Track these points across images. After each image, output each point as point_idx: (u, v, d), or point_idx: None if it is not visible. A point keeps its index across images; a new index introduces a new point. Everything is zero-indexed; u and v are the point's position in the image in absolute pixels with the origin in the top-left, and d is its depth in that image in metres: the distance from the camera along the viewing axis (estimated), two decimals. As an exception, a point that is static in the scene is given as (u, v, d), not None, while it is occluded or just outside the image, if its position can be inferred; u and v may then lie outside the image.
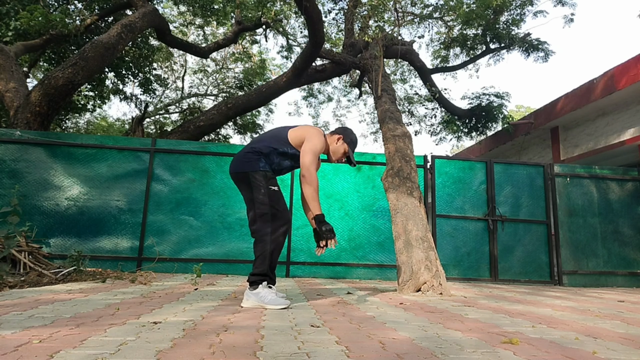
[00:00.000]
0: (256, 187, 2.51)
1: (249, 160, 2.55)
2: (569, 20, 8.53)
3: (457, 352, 1.45)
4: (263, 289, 2.42)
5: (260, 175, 2.52)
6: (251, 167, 2.54)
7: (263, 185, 2.51)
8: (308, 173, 2.46)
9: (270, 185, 2.53)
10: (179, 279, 4.46)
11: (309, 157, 2.48)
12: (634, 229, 6.29)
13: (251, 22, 10.11)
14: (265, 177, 2.53)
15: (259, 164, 2.54)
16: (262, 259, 2.45)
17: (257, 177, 2.52)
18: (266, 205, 2.48)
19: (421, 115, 12.10)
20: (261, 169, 2.53)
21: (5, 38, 7.54)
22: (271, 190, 2.52)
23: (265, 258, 2.44)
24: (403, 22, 8.89)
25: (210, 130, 9.45)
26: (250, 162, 2.55)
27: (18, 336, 1.45)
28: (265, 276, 2.45)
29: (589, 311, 2.83)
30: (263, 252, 2.45)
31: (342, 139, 2.73)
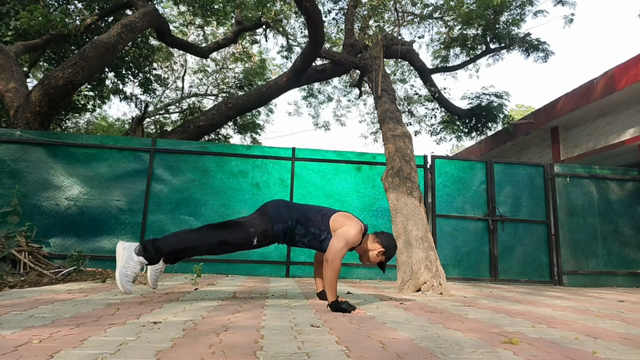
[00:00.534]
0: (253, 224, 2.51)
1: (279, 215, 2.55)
2: (569, 20, 8.52)
3: (457, 352, 1.45)
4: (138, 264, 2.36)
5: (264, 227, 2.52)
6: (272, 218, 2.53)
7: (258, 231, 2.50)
8: (333, 258, 2.38)
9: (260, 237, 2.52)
10: (179, 279, 4.47)
11: (341, 244, 2.42)
12: (634, 229, 6.29)
13: (251, 22, 10.10)
14: (266, 231, 2.52)
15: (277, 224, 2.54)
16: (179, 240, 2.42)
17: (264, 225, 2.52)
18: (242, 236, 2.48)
19: (421, 115, 12.10)
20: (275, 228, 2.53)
21: (5, 38, 7.54)
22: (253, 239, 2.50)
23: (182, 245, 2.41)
24: (403, 22, 8.89)
25: (210, 130, 9.45)
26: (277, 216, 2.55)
27: (18, 336, 1.45)
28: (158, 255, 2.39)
29: (589, 311, 2.83)
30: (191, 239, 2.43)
31: (384, 254, 2.65)
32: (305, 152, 5.95)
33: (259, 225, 2.52)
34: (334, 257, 2.39)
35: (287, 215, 2.58)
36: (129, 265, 2.35)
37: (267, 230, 2.52)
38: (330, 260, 2.39)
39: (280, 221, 2.55)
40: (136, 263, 2.37)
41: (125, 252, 2.37)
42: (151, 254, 2.39)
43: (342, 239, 2.43)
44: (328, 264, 2.39)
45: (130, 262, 2.36)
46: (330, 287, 2.40)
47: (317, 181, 5.83)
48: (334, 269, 2.38)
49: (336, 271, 2.40)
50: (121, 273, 2.34)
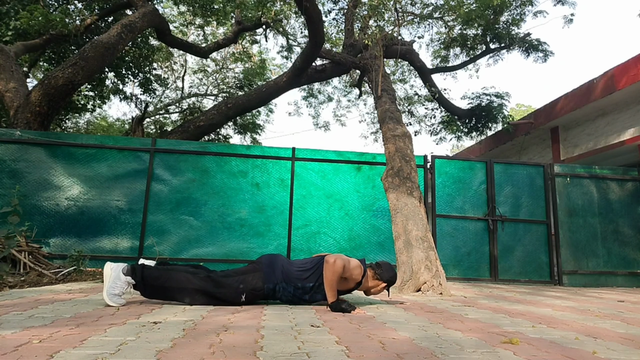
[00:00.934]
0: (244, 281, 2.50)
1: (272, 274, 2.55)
2: (568, 21, 8.52)
3: (457, 352, 1.45)
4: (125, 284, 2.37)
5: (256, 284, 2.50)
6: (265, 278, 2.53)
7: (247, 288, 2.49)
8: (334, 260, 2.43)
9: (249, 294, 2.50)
10: (179, 279, 4.46)
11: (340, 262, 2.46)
12: (634, 229, 6.29)
13: (251, 22, 10.10)
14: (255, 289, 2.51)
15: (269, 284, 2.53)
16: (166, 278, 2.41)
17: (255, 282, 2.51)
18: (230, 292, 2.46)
19: (421, 115, 12.10)
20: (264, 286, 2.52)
21: (5, 38, 7.54)
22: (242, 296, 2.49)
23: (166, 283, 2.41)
24: (403, 22, 8.89)
25: (210, 130, 9.45)
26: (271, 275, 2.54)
27: (18, 336, 1.45)
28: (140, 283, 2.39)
29: (589, 311, 2.83)
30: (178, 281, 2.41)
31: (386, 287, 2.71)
32: (305, 152, 5.95)
33: (249, 282, 2.50)
34: (335, 259, 2.44)
35: (280, 277, 2.57)
36: (116, 285, 2.35)
37: (257, 288, 2.51)
38: (332, 262, 2.43)
39: (272, 281, 2.54)
40: (123, 283, 2.37)
41: (112, 272, 2.37)
42: (137, 277, 2.39)
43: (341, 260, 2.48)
44: (329, 265, 2.43)
45: (117, 282, 2.36)
46: (330, 289, 2.43)
47: (317, 181, 5.83)
48: (334, 271, 2.42)
49: (337, 273, 2.43)
50: (108, 293, 2.34)
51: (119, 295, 2.38)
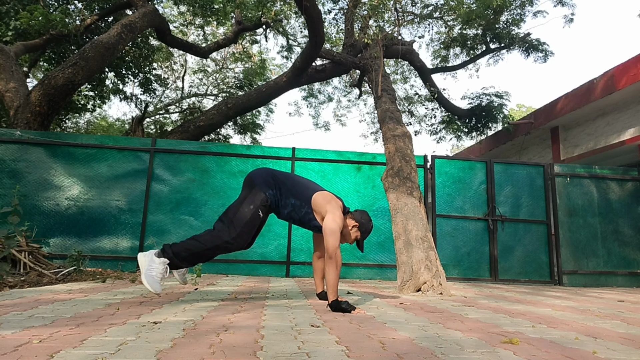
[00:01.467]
0: (248, 201, 2.56)
1: (264, 182, 2.62)
2: (568, 20, 8.53)
3: (457, 352, 1.45)
4: (160, 264, 2.43)
5: (260, 198, 2.57)
6: (261, 186, 2.60)
7: (255, 205, 2.55)
8: (336, 256, 2.44)
9: (260, 209, 2.57)
10: (179, 279, 4.46)
11: (335, 239, 2.45)
12: (634, 229, 6.29)
13: (251, 22, 10.10)
14: (263, 201, 2.57)
15: (267, 190, 2.61)
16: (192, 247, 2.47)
17: (258, 195, 2.58)
18: (243, 220, 2.51)
19: (421, 115, 12.09)
20: (267, 195, 2.59)
21: (5, 38, 7.54)
22: (256, 213, 2.55)
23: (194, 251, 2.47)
24: (403, 22, 8.89)
25: (210, 130, 9.45)
26: (263, 183, 2.62)
27: (18, 336, 1.45)
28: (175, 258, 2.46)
29: (589, 311, 2.83)
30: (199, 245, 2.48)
31: (357, 228, 2.70)
32: (305, 152, 5.95)
33: (256, 199, 2.57)
34: (335, 255, 2.43)
35: (273, 183, 2.65)
36: (152, 267, 2.42)
37: (263, 199, 2.58)
38: (334, 258, 2.42)
39: (271, 187, 2.62)
40: (158, 264, 2.43)
41: (146, 258, 2.45)
42: (169, 254, 2.46)
43: (334, 234, 2.46)
44: (331, 262, 2.42)
45: (152, 265, 2.43)
46: (332, 286, 2.42)
47: (317, 181, 5.82)
48: (337, 266, 2.42)
49: (339, 268, 2.44)
50: (146, 275, 2.40)
51: (158, 278, 2.42)
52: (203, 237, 2.51)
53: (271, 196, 2.61)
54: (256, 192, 2.59)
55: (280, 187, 2.65)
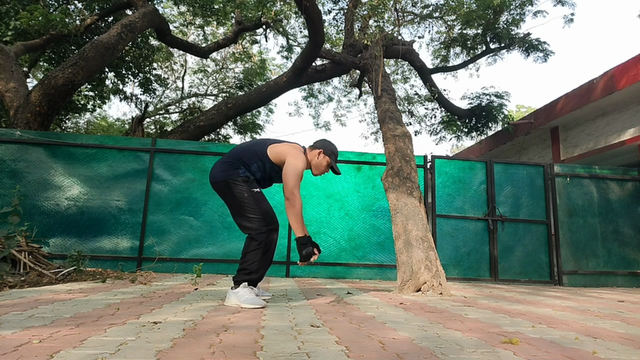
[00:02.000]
0: (239, 192, 2.55)
1: (227, 170, 2.59)
2: (568, 20, 8.53)
3: (457, 352, 1.45)
4: (243, 289, 2.45)
5: (241, 180, 2.56)
6: (230, 175, 2.57)
7: (246, 189, 2.54)
8: (292, 196, 2.45)
9: (253, 187, 2.57)
10: (179, 279, 4.47)
11: (293, 180, 2.46)
12: (634, 229, 6.29)
13: (251, 22, 10.10)
14: (247, 181, 2.57)
15: (238, 171, 2.58)
16: (253, 258, 2.49)
17: (237, 181, 2.56)
18: (254, 206, 2.52)
19: (421, 115, 12.10)
20: (241, 174, 2.57)
21: (5, 38, 7.54)
22: (254, 191, 2.56)
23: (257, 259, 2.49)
24: (403, 22, 8.89)
25: (210, 130, 9.45)
26: (228, 171, 2.59)
27: (18, 336, 1.45)
28: (246, 277, 2.48)
29: (589, 311, 2.83)
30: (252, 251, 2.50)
31: (322, 153, 2.70)
32: (305, 152, 5.94)
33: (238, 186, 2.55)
34: (292, 195, 2.44)
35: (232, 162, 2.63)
36: (239, 296, 2.42)
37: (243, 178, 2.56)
38: (291, 199, 2.44)
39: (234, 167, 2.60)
40: (241, 290, 2.45)
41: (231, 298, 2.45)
42: (243, 279, 2.48)
43: (292, 175, 2.46)
44: (289, 203, 2.45)
45: (238, 295, 2.43)
46: (296, 223, 2.46)
47: (317, 181, 5.83)
48: (294, 205, 2.44)
49: (297, 206, 2.45)
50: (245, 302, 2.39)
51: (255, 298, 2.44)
52: (247, 245, 2.53)
53: (243, 173, 2.58)
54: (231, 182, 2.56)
55: (241, 160, 2.62)
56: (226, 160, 2.65)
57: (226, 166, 2.61)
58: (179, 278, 4.55)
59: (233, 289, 2.48)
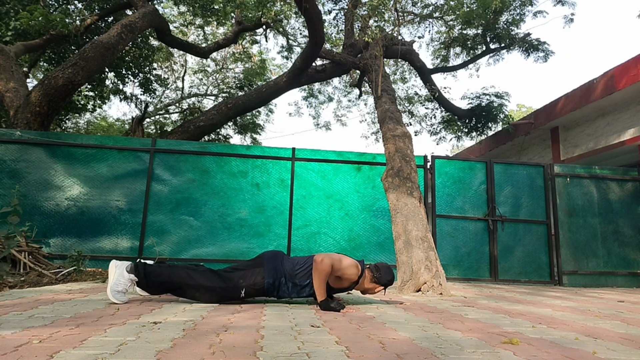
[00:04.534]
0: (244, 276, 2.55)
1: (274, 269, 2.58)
2: (569, 20, 8.52)
3: (457, 352, 1.45)
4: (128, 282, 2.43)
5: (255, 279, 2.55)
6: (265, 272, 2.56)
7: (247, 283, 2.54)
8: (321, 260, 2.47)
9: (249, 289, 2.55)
10: (179, 279, 4.45)
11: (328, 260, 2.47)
12: (634, 229, 6.28)
13: (251, 22, 10.10)
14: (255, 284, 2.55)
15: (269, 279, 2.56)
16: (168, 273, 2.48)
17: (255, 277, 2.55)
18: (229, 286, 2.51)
19: (421, 115, 12.09)
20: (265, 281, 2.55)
21: (5, 38, 7.54)
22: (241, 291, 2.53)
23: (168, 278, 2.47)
24: (403, 22, 8.89)
25: (210, 130, 9.45)
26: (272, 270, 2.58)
27: (18, 336, 1.45)
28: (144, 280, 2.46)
29: (589, 311, 2.83)
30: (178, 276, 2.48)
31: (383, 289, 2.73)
32: (305, 153, 5.95)
33: (249, 277, 2.55)
34: (322, 259, 2.47)
35: (281, 272, 2.60)
36: (119, 282, 2.42)
37: (257, 283, 2.55)
38: (319, 261, 2.46)
39: (272, 276, 2.57)
40: (127, 280, 2.44)
41: (117, 270, 2.44)
42: (140, 274, 2.45)
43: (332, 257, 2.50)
44: (316, 264, 2.47)
45: (121, 279, 2.43)
46: (318, 287, 2.46)
47: (317, 181, 5.83)
48: (321, 270, 2.45)
49: (324, 272, 2.45)
50: (112, 289, 2.40)
51: (123, 292, 2.43)
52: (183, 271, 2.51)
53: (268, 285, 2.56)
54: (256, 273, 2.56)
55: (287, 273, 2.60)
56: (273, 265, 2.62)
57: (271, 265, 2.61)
58: (179, 278, 4.54)
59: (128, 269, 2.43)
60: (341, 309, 2.38)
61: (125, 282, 2.42)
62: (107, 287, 2.40)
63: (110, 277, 2.42)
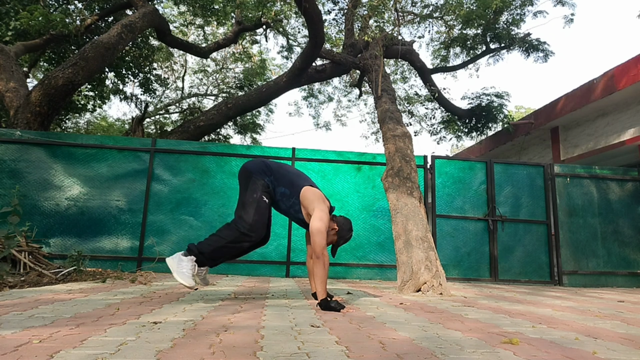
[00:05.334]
0: (251, 190, 2.63)
1: (259, 170, 2.69)
2: (569, 21, 8.53)
3: (457, 352, 1.45)
4: (189, 261, 2.53)
5: (260, 184, 2.64)
6: (258, 174, 2.67)
7: (258, 192, 2.62)
8: (322, 255, 2.48)
9: (264, 196, 2.63)
10: (179, 279, 4.46)
11: (321, 239, 2.47)
12: (634, 229, 6.28)
13: (251, 22, 10.11)
14: (265, 188, 2.64)
15: (265, 178, 2.67)
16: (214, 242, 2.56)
17: (257, 183, 2.64)
18: (252, 210, 2.58)
19: (421, 115, 12.10)
20: (265, 181, 2.67)
21: (5, 38, 7.54)
22: (262, 199, 2.61)
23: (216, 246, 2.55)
24: (403, 22, 8.89)
25: (210, 130, 9.45)
26: (260, 171, 2.69)
27: (18, 336, 1.45)
28: (200, 255, 2.56)
29: (589, 311, 2.83)
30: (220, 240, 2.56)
31: (336, 232, 2.72)
32: (305, 153, 5.95)
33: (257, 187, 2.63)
34: (322, 254, 2.46)
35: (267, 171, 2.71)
36: (182, 265, 2.51)
37: (264, 185, 2.65)
38: (321, 258, 2.45)
39: (266, 174, 2.69)
40: (187, 261, 2.53)
41: (174, 260, 2.54)
42: (195, 252, 2.56)
43: (321, 233, 2.48)
44: (319, 261, 2.46)
45: (182, 263, 2.52)
46: (321, 284, 2.46)
47: (317, 181, 5.83)
48: (324, 265, 2.46)
49: (326, 266, 2.47)
50: (178, 273, 2.49)
51: (190, 274, 2.52)
52: (222, 231, 2.60)
53: (269, 182, 2.67)
54: (255, 180, 2.66)
55: (274, 175, 2.71)
56: (265, 163, 2.75)
57: (260, 166, 2.72)
58: (179, 278, 4.54)
59: (183, 254, 2.55)
60: (341, 308, 2.38)
61: (187, 264, 2.51)
62: (174, 275, 2.49)
63: (172, 267, 2.51)
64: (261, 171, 2.69)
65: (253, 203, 2.58)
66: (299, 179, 2.72)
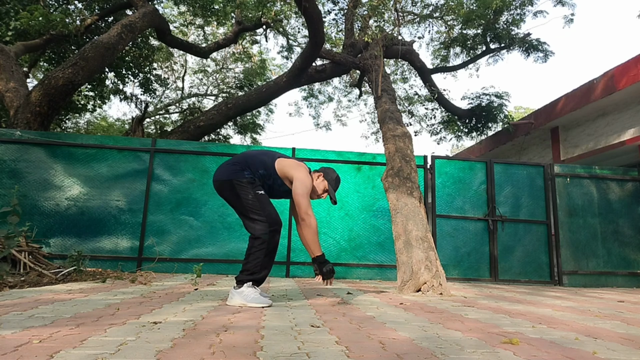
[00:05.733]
0: (243, 192, 2.56)
1: (233, 171, 2.60)
2: (569, 21, 8.52)
3: (457, 352, 1.45)
4: (248, 288, 2.47)
5: (245, 182, 2.57)
6: (235, 176, 2.58)
7: (250, 191, 2.56)
8: (307, 216, 2.50)
9: (257, 190, 2.59)
10: (179, 279, 4.46)
11: (305, 200, 2.51)
12: (634, 229, 6.28)
13: (251, 22, 10.11)
14: (251, 183, 2.58)
15: (243, 173, 2.59)
16: (255, 259, 2.50)
17: (242, 183, 2.57)
18: (258, 208, 2.54)
19: (421, 115, 12.09)
20: (247, 176, 2.58)
21: (5, 38, 7.54)
22: (259, 194, 2.58)
23: (260, 257, 2.50)
24: (403, 22, 8.89)
25: (210, 130, 9.46)
26: (234, 172, 2.59)
27: (18, 336, 1.45)
28: (251, 276, 2.49)
29: (589, 311, 2.83)
30: (258, 252, 2.50)
31: (322, 176, 2.76)
32: (305, 153, 5.95)
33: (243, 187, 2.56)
34: (307, 216, 2.50)
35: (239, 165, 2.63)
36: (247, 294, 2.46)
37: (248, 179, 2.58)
38: (306, 219, 2.50)
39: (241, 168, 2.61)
40: (246, 288, 2.47)
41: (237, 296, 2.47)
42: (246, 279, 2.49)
43: (304, 195, 2.51)
44: (305, 224, 2.51)
45: (243, 294, 2.46)
46: (313, 243, 2.51)
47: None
48: (310, 225, 2.50)
49: (313, 226, 2.51)
50: (252, 302, 2.44)
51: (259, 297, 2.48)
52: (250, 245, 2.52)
53: (248, 174, 2.59)
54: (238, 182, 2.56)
55: (248, 164, 2.64)
56: (233, 162, 2.66)
57: (232, 168, 2.62)
58: (179, 278, 4.55)
59: (236, 289, 2.49)
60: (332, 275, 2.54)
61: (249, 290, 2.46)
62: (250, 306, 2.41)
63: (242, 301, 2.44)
64: (235, 171, 2.60)
65: (255, 202, 2.54)
66: (267, 157, 2.69)
